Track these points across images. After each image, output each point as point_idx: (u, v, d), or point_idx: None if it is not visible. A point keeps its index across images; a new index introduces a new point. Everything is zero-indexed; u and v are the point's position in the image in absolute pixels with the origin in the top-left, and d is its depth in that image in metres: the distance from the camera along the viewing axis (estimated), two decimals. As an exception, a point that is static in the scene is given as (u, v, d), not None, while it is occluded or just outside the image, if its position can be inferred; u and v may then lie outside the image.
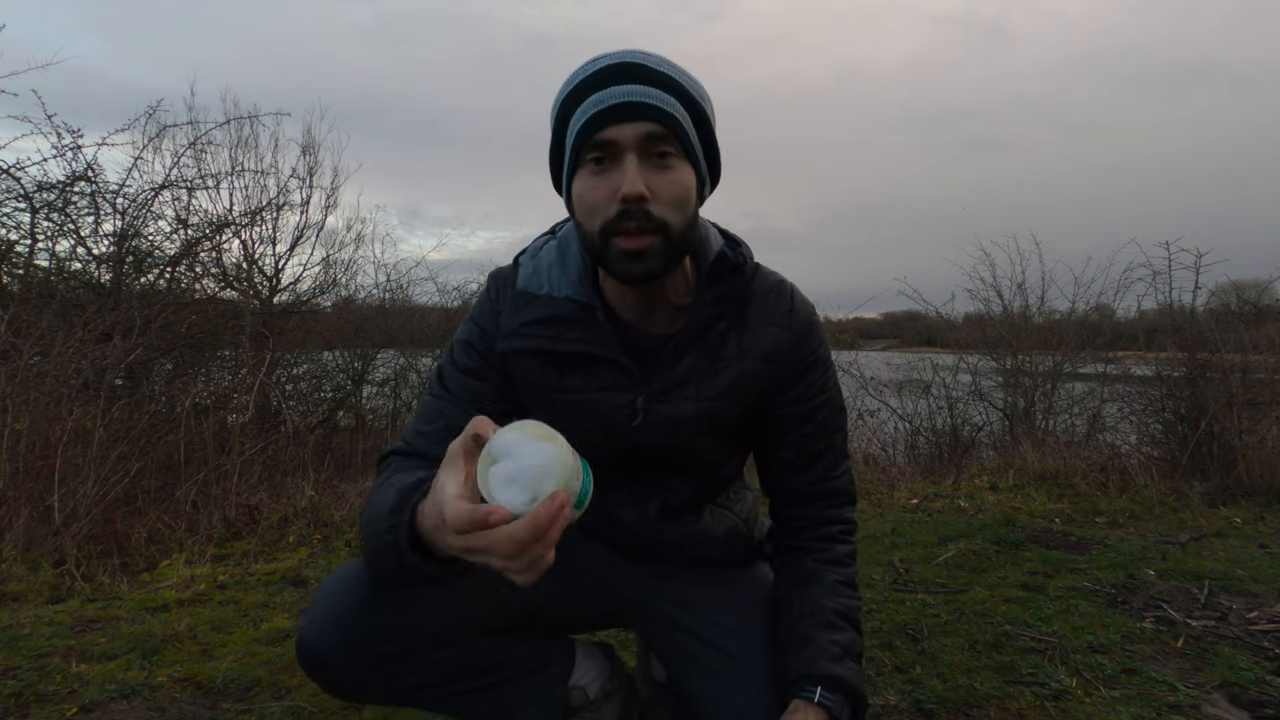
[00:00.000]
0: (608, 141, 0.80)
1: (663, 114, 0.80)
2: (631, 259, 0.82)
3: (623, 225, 0.80)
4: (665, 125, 0.80)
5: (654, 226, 0.81)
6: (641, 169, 0.80)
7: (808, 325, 0.97)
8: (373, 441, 5.35)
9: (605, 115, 0.79)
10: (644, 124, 0.79)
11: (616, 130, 0.79)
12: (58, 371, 3.01)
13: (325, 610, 0.85)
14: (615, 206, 0.80)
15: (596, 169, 0.82)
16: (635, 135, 0.79)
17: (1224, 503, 3.22)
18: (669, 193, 0.81)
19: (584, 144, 0.81)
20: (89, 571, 2.28)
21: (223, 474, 3.10)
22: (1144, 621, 1.84)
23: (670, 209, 0.82)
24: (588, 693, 1.08)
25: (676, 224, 0.83)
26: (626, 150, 0.80)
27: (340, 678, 0.86)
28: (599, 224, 0.82)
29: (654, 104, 0.79)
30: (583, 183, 0.83)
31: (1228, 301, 4.72)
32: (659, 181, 0.81)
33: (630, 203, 0.79)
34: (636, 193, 0.78)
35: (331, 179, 6.50)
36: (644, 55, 0.82)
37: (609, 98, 0.79)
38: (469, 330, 0.99)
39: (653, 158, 0.81)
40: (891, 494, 3.59)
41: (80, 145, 4.01)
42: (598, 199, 0.82)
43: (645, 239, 0.81)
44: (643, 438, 0.95)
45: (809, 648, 0.89)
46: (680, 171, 0.83)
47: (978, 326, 6.70)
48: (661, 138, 0.80)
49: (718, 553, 1.06)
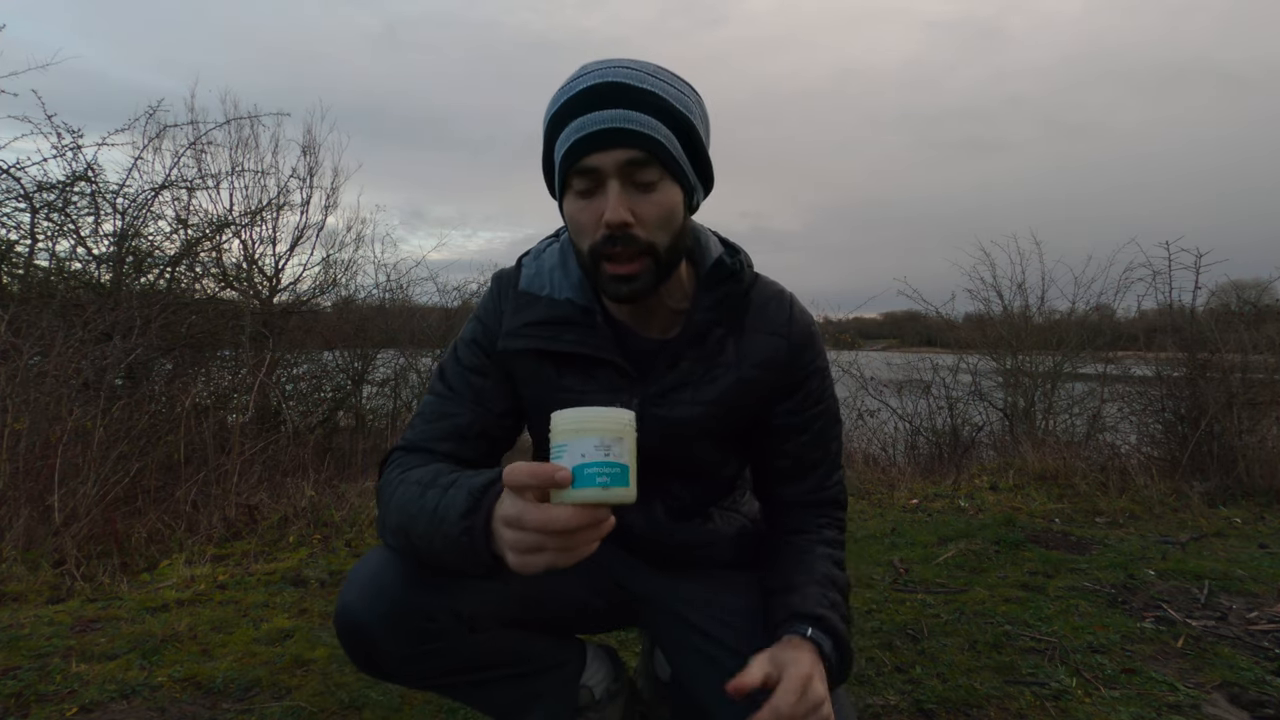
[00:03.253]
0: (591, 168, 0.81)
1: (644, 139, 0.80)
2: (621, 282, 0.84)
3: (609, 250, 0.82)
4: (646, 150, 0.81)
5: (641, 249, 0.83)
6: (624, 195, 0.81)
7: (807, 335, 0.98)
8: (373, 441, 5.35)
9: (586, 143, 0.80)
10: (624, 151, 0.80)
11: (598, 158, 0.80)
12: (58, 371, 3.00)
13: (366, 586, 0.86)
14: (601, 231, 0.82)
15: (582, 193, 0.84)
16: (616, 163, 0.80)
17: (1224, 503, 3.22)
18: (653, 215, 0.83)
19: (568, 169, 0.83)
20: (89, 571, 2.28)
21: (223, 474, 3.10)
22: (1144, 621, 1.84)
23: (656, 230, 0.83)
24: (594, 692, 1.09)
25: (663, 243, 0.84)
26: (609, 177, 0.81)
27: (381, 651, 0.86)
28: (587, 246, 0.84)
29: (634, 129, 0.80)
30: (571, 205, 0.85)
31: (1228, 301, 4.72)
32: (642, 205, 0.82)
33: (614, 229, 0.81)
34: (619, 220, 0.80)
35: (332, 179, 6.50)
36: (628, 71, 0.82)
37: (589, 124, 0.80)
38: (473, 328, 1.01)
39: (635, 182, 0.82)
40: (891, 494, 3.59)
41: (80, 145, 4.02)
42: (584, 223, 0.84)
43: (634, 265, 0.83)
44: (639, 440, 0.95)
45: (799, 594, 0.91)
46: (664, 192, 0.83)
47: (978, 326, 6.70)
48: (643, 163, 0.81)
49: (728, 553, 1.07)
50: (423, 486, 0.81)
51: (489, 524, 0.71)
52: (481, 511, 0.72)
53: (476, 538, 0.71)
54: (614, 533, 1.05)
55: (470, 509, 0.73)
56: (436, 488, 0.79)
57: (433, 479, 0.81)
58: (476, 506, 0.72)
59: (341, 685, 1.50)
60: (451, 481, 0.78)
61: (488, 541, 0.71)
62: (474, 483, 0.75)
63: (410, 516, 0.81)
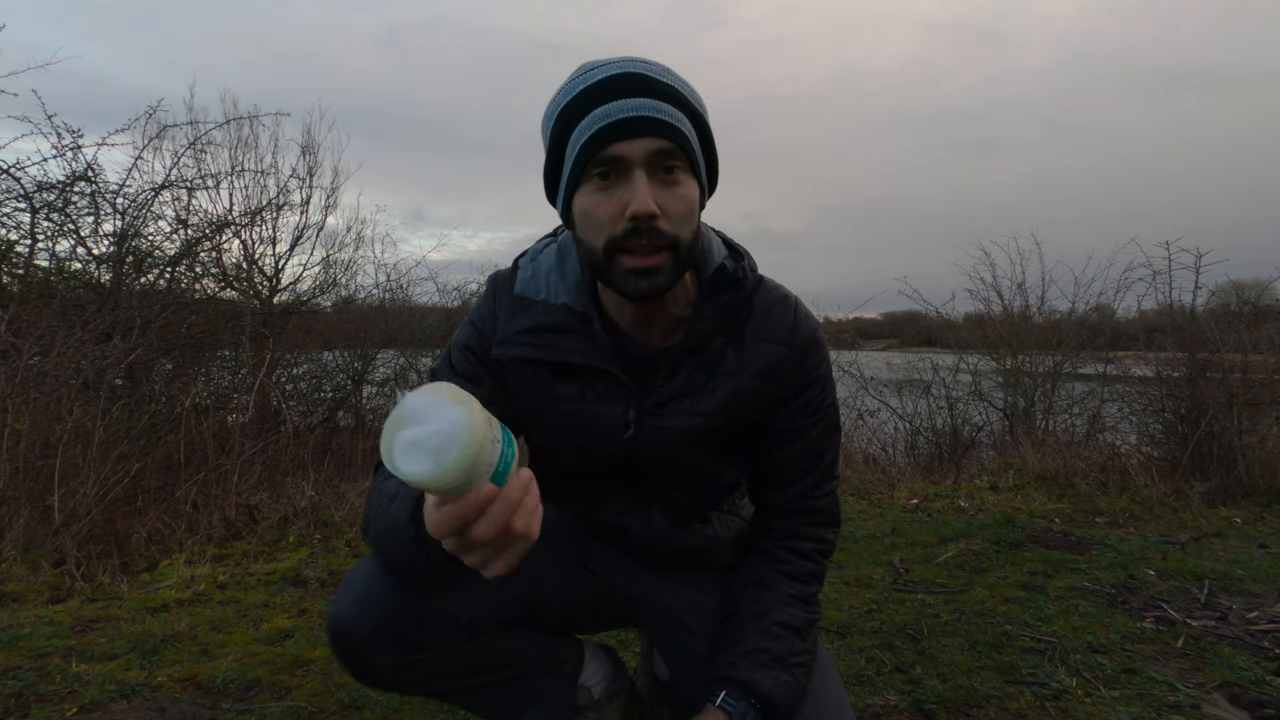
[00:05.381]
0: (615, 157, 0.78)
1: (671, 129, 0.78)
2: (640, 276, 0.80)
3: (631, 243, 0.79)
4: (674, 141, 0.79)
5: (665, 243, 0.80)
6: (650, 185, 0.79)
7: (810, 343, 0.96)
8: (372, 441, 5.35)
9: (612, 130, 0.77)
10: (653, 140, 0.77)
11: (625, 146, 0.77)
12: (58, 371, 3.01)
13: (357, 595, 0.85)
14: (623, 224, 0.78)
15: (602, 184, 0.80)
16: (644, 152, 0.78)
17: (1224, 503, 3.22)
18: (678, 209, 0.80)
19: (589, 159, 0.79)
20: (89, 571, 2.28)
21: (223, 474, 3.10)
22: (1144, 621, 1.84)
23: (680, 224, 0.81)
24: (593, 693, 1.09)
25: (686, 238, 0.82)
26: (635, 167, 0.78)
27: (374, 661, 0.85)
28: (604, 240, 0.80)
29: (663, 119, 0.78)
30: (587, 199, 0.81)
31: (1228, 301, 4.71)
32: (668, 198, 0.79)
33: (640, 220, 0.78)
34: (648, 211, 0.77)
35: (331, 179, 6.53)
36: (645, 64, 0.80)
37: (616, 112, 0.77)
38: (467, 333, 0.98)
39: (660, 173, 0.79)
40: (891, 494, 3.59)
41: (80, 145, 4.02)
42: (604, 215, 0.80)
43: (657, 257, 0.80)
44: (636, 449, 0.94)
45: (734, 651, 0.90)
46: (687, 186, 0.81)
47: (978, 326, 6.71)
48: (670, 153, 0.79)
49: (727, 556, 1.06)
50: (389, 498, 0.77)
51: None
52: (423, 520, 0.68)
53: (427, 546, 0.68)
54: (614, 537, 1.06)
55: (413, 517, 0.70)
56: (398, 498, 0.75)
57: (397, 489, 0.77)
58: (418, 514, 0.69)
59: (341, 685, 1.50)
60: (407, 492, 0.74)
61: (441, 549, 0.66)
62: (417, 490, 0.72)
63: (379, 531, 0.79)
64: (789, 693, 0.89)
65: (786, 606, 0.94)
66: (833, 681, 0.98)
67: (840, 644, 1.73)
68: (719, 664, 0.91)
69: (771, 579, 0.97)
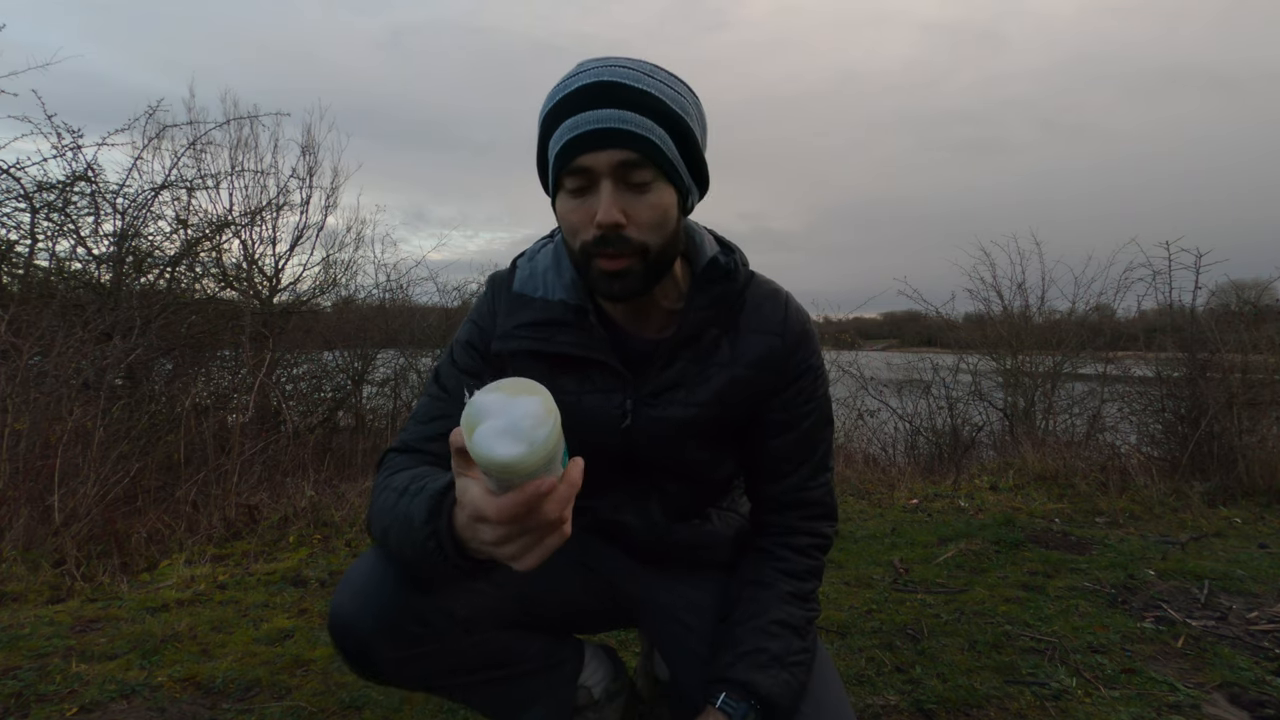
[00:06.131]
0: (584, 168, 0.80)
1: (638, 140, 0.79)
2: (612, 278, 0.84)
3: (601, 249, 0.82)
4: (640, 151, 0.80)
5: (632, 250, 0.82)
6: (617, 195, 0.80)
7: (801, 334, 0.97)
8: (373, 441, 5.35)
9: (580, 142, 0.79)
10: (618, 151, 0.79)
11: (591, 158, 0.80)
12: (58, 371, 3.01)
13: (358, 589, 0.85)
14: (593, 231, 0.81)
15: (575, 192, 0.83)
16: (609, 163, 0.79)
17: (1224, 503, 3.22)
18: (646, 216, 0.82)
19: (561, 169, 0.82)
20: (89, 571, 2.28)
21: (223, 474, 3.10)
22: (1144, 621, 1.84)
23: (648, 231, 0.83)
24: (593, 693, 1.09)
25: (655, 244, 0.84)
26: (602, 177, 0.80)
27: (375, 654, 0.85)
28: (579, 244, 0.84)
29: (628, 129, 0.79)
30: (564, 204, 0.85)
31: (1228, 301, 4.71)
32: (635, 206, 0.81)
33: (606, 229, 0.80)
34: (611, 221, 0.80)
35: (331, 179, 6.52)
36: (624, 70, 0.81)
37: (583, 124, 0.79)
38: (468, 330, 1.00)
39: (628, 183, 0.81)
40: (891, 494, 3.59)
41: (80, 145, 4.02)
42: (576, 222, 0.83)
43: (623, 261, 0.82)
44: (633, 440, 0.95)
45: (733, 651, 0.91)
46: (657, 193, 0.83)
47: (978, 326, 6.71)
48: (636, 164, 0.80)
49: (726, 555, 1.07)
50: (398, 493, 0.79)
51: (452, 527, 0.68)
52: (443, 515, 0.70)
53: (443, 543, 0.69)
54: (613, 534, 1.06)
55: (432, 513, 0.71)
56: (409, 494, 0.77)
57: (407, 484, 0.78)
58: (438, 510, 0.70)
59: (341, 685, 1.50)
60: (420, 488, 0.75)
61: (456, 545, 0.68)
62: (434, 486, 0.73)
63: (387, 526, 0.80)
64: (788, 692, 0.89)
65: (784, 605, 0.95)
66: (833, 681, 0.98)
67: (840, 644, 1.73)
68: (718, 665, 0.91)
69: (769, 577, 0.97)
